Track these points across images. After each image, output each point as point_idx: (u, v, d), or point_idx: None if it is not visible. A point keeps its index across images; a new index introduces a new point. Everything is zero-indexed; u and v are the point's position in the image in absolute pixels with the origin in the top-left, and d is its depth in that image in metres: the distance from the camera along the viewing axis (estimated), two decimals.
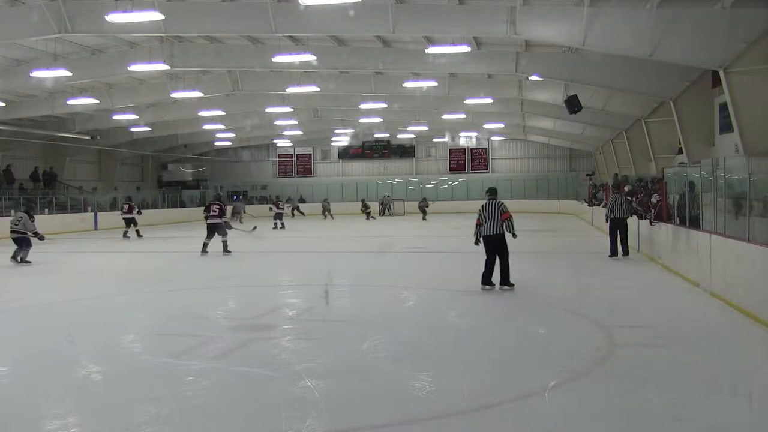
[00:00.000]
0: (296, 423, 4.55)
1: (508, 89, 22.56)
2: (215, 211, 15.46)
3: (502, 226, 9.51)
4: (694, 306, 8.59)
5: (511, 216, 9.58)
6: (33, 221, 14.84)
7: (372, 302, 9.35)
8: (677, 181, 12.63)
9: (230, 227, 16.03)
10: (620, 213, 13.55)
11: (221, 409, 4.80)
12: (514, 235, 9.58)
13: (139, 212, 23.04)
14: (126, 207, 22.72)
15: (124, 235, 22.24)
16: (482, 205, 9.66)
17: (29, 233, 14.52)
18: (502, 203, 9.69)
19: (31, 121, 27.62)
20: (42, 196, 28.12)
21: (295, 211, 36.19)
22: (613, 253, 13.54)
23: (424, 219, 31.86)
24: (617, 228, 13.62)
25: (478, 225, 9.66)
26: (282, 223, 27.14)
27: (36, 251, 14.90)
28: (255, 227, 20.40)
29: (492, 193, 9.99)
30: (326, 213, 34.22)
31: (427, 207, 33.54)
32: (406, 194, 40.57)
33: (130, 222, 22.36)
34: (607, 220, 13.93)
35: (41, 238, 15.01)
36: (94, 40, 17.78)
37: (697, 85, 15.62)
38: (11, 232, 14.53)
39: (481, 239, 9.65)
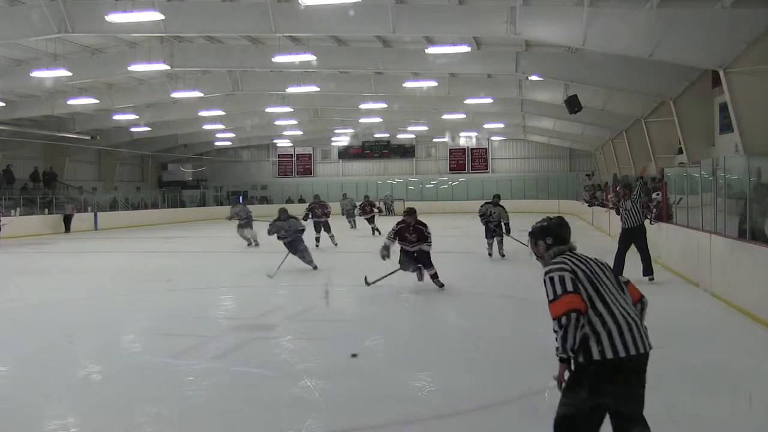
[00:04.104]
0: (296, 423, 4.55)
1: (508, 89, 22.52)
2: (329, 209, 17.68)
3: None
4: (694, 306, 8.59)
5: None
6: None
7: (372, 302, 9.34)
8: (677, 181, 12.62)
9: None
10: (637, 220, 10.51)
11: (221, 409, 4.81)
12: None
13: None
14: None
15: None
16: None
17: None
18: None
19: (31, 121, 27.58)
20: (42, 196, 28.11)
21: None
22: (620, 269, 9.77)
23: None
24: (631, 238, 10.50)
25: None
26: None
27: (36, 251, 14.89)
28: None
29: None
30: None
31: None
32: (406, 194, 40.54)
33: None
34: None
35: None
36: (94, 40, 17.76)
37: (697, 85, 15.60)
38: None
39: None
